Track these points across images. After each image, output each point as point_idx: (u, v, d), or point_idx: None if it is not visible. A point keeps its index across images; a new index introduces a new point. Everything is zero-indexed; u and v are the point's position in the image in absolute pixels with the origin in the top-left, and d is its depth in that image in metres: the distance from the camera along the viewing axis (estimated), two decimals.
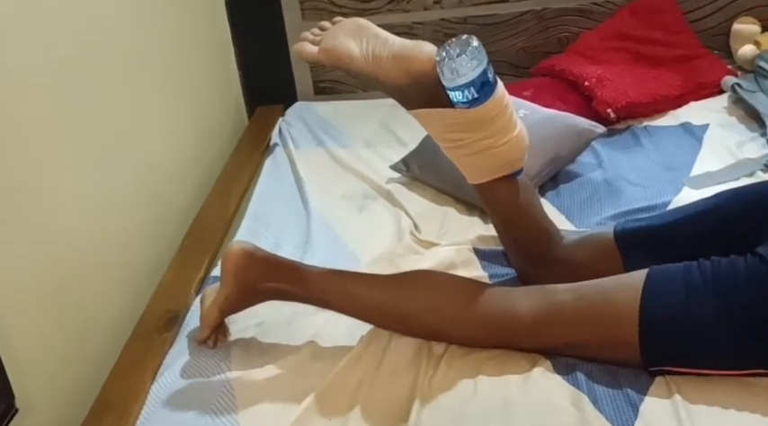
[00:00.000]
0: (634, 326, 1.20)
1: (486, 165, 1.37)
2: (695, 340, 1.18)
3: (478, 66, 1.27)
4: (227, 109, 2.35)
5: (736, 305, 1.16)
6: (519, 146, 1.37)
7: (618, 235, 1.40)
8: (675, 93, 2.14)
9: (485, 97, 1.29)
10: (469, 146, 1.34)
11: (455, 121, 1.31)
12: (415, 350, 1.35)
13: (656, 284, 1.21)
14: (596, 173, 1.87)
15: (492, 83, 1.30)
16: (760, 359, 1.17)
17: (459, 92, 1.28)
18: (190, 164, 1.97)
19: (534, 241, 1.45)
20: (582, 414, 1.18)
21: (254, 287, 1.40)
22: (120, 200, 1.60)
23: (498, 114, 1.32)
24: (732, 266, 1.19)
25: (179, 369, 1.36)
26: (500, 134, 1.33)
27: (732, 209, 1.33)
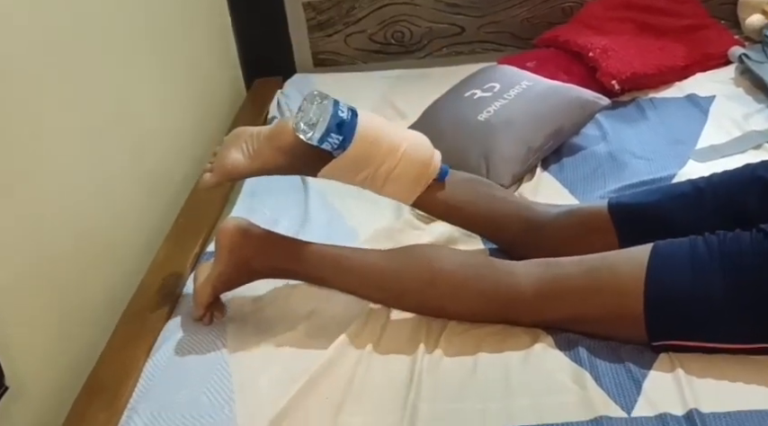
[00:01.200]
0: (639, 300, 1.18)
1: (402, 186, 1.41)
2: (701, 313, 1.16)
3: (323, 113, 1.35)
4: (225, 81, 2.31)
5: (743, 278, 1.15)
6: (416, 156, 1.39)
7: (613, 210, 1.37)
8: (681, 64, 2.10)
9: (350, 134, 1.35)
10: (375, 178, 1.39)
11: (346, 165, 1.37)
12: (413, 328, 1.33)
13: (661, 257, 1.19)
14: (600, 146, 1.83)
15: (348, 119, 1.36)
16: (763, 332, 1.15)
17: (325, 143, 1.34)
18: (186, 138, 1.94)
19: (498, 230, 1.44)
20: (584, 392, 1.16)
21: (248, 264, 1.37)
22: (114, 174, 1.57)
23: (374, 140, 1.36)
24: (738, 240, 1.18)
25: (173, 347, 1.34)
26: (390, 155, 1.37)
27: (733, 187, 1.31)
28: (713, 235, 1.20)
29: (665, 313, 1.18)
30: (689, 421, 1.09)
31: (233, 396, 1.23)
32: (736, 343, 1.17)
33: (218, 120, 2.16)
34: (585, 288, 1.22)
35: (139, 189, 1.67)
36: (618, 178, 1.70)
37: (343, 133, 1.34)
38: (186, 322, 1.41)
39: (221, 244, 1.37)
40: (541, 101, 1.82)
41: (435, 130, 1.84)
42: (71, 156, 1.42)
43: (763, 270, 1.14)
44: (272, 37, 2.47)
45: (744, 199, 1.28)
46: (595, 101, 1.86)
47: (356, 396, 1.21)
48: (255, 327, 1.38)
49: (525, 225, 1.41)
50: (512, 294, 1.27)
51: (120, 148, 1.60)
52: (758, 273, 1.14)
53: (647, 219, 1.34)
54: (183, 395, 1.24)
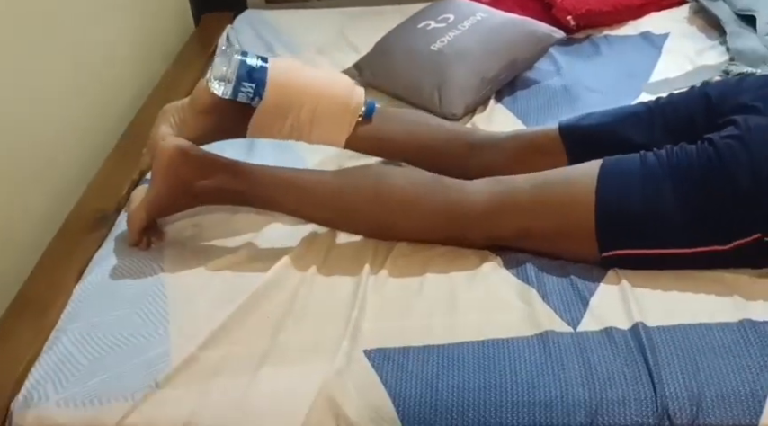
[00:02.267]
0: (590, 211, 1.17)
1: (329, 127, 1.39)
2: (650, 220, 1.16)
3: (230, 64, 1.34)
4: (171, 12, 2.22)
5: (690, 185, 1.15)
6: (334, 91, 1.39)
7: (564, 130, 1.35)
8: (637, 2, 2.07)
9: (262, 79, 1.35)
10: (302, 125, 1.38)
11: (270, 115, 1.36)
12: (359, 250, 1.30)
13: (611, 169, 1.19)
14: (554, 80, 1.81)
15: (258, 67, 1.36)
16: (712, 235, 1.16)
17: (241, 94, 1.35)
18: (129, 66, 1.87)
19: (445, 153, 1.41)
20: (530, 308, 1.14)
21: (186, 186, 1.30)
22: (51, 92, 1.49)
23: (289, 81, 1.36)
24: (685, 151, 1.19)
25: (106, 269, 1.29)
26: (307, 96, 1.37)
27: (680, 106, 1.32)
28: (661, 149, 1.20)
29: (615, 222, 1.17)
30: (634, 335, 1.08)
31: (167, 317, 1.19)
32: (685, 248, 1.16)
33: (164, 53, 2.08)
34: (536, 201, 1.21)
35: (79, 109, 1.59)
36: (571, 110, 1.66)
37: (254, 80, 1.34)
38: (121, 246, 1.35)
39: (158, 164, 1.30)
40: (496, 32, 1.78)
41: (388, 61, 1.81)
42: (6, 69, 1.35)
43: (708, 175, 1.15)
44: None
45: (690, 115, 1.29)
46: (550, 34, 1.82)
47: (297, 316, 1.17)
48: (194, 251, 1.33)
49: (468, 148, 1.39)
50: (462, 209, 1.24)
51: (58, 68, 1.53)
52: (704, 179, 1.15)
53: (598, 140, 1.32)
54: (115, 316, 1.19)
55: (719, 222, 1.14)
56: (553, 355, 1.06)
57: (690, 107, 1.30)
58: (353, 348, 1.10)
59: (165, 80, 1.95)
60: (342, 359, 1.08)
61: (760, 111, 1.20)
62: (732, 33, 1.86)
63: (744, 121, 1.19)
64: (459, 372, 1.05)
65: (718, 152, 1.16)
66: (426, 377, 1.05)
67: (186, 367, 1.09)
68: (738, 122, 1.19)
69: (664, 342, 1.06)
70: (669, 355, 1.05)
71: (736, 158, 1.15)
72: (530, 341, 1.09)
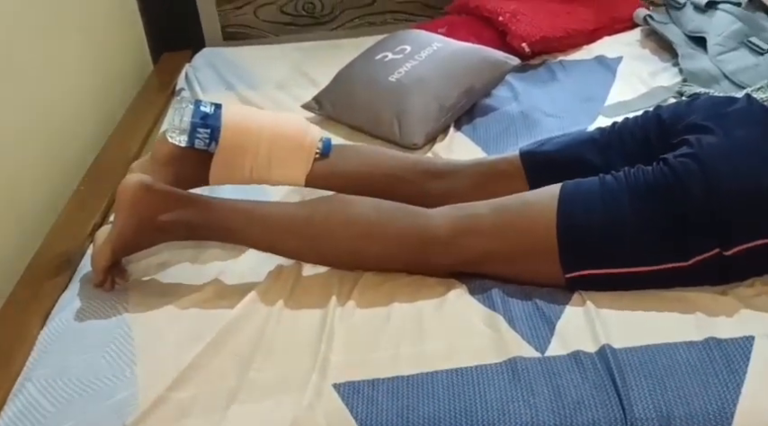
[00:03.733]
0: (552, 232, 1.18)
1: (287, 166, 1.42)
2: (611, 239, 1.18)
3: (184, 112, 1.38)
4: (129, 54, 2.22)
5: (650, 202, 1.18)
6: (288, 129, 1.42)
7: (525, 157, 1.38)
8: (589, 27, 2.13)
9: (216, 124, 1.38)
10: (259, 167, 1.40)
11: (228, 158, 1.39)
12: (325, 283, 1.29)
13: (572, 190, 1.21)
14: (512, 106, 1.84)
15: (211, 112, 1.39)
16: (672, 252, 1.18)
17: (198, 140, 1.38)
18: (88, 107, 1.86)
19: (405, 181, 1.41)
20: (497, 334, 1.15)
21: (151, 221, 1.29)
22: (9, 136, 1.48)
23: (243, 122, 1.39)
24: (642, 171, 1.22)
25: (71, 313, 1.27)
26: (263, 135, 1.40)
27: (636, 128, 1.35)
28: (620, 171, 1.23)
29: (577, 243, 1.19)
30: (601, 358, 1.09)
31: (134, 359, 1.17)
32: (647, 266, 1.18)
33: (123, 92, 2.07)
34: (498, 225, 1.22)
35: (37, 154, 1.58)
36: (530, 135, 1.69)
37: (209, 126, 1.37)
38: (85, 289, 1.33)
39: (122, 201, 1.29)
40: (452, 61, 1.81)
41: (347, 93, 1.82)
42: None
43: (665, 194, 1.18)
44: (180, 10, 2.39)
45: (645, 138, 1.33)
46: (505, 60, 1.86)
47: (266, 351, 1.16)
48: (160, 290, 1.32)
49: (428, 176, 1.40)
50: (426, 234, 1.25)
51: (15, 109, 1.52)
52: (661, 197, 1.18)
53: (557, 165, 1.35)
54: (81, 360, 1.17)
55: (679, 239, 1.17)
56: (522, 381, 1.06)
57: (644, 129, 1.34)
58: (323, 382, 1.09)
59: (125, 120, 1.95)
60: (312, 393, 1.07)
61: (711, 131, 1.23)
62: (684, 55, 1.91)
63: (696, 140, 1.22)
64: (429, 402, 1.05)
65: (674, 170, 1.19)
66: (397, 408, 1.05)
67: (155, 408, 1.07)
68: (691, 141, 1.23)
69: (631, 364, 1.07)
70: (637, 376, 1.06)
71: (691, 175, 1.18)
72: (498, 367, 1.09)
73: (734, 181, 1.17)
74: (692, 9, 2.02)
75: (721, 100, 1.37)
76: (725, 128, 1.23)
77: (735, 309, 1.16)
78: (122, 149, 1.81)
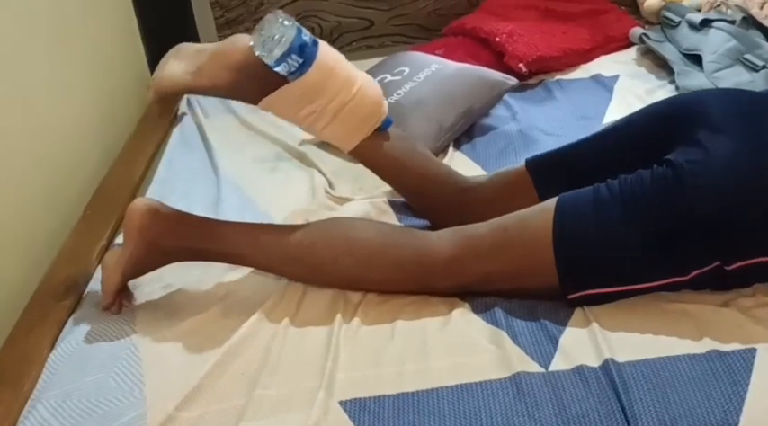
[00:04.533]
0: (549, 250, 1.18)
1: (348, 127, 1.36)
2: (609, 258, 1.17)
3: (288, 32, 1.27)
4: (132, 79, 2.25)
5: (645, 213, 1.16)
6: (370, 94, 1.36)
7: (529, 164, 1.39)
8: (585, 46, 2.16)
9: (310, 58, 1.28)
10: (323, 114, 1.33)
11: (298, 94, 1.31)
12: (330, 301, 1.30)
13: (566, 206, 1.20)
14: (510, 125, 1.86)
15: (310, 43, 1.30)
16: (671, 267, 1.17)
17: (283, 64, 1.28)
18: (92, 133, 1.88)
19: (430, 189, 1.43)
20: (501, 351, 1.16)
21: (159, 245, 1.32)
22: (14, 165, 1.50)
23: (333, 70, 1.32)
24: (638, 178, 1.19)
25: (79, 336, 1.28)
26: (344, 89, 1.33)
27: (642, 123, 1.33)
28: (615, 179, 1.21)
29: (575, 265, 1.18)
30: (605, 372, 1.10)
31: (142, 379, 1.18)
32: (647, 282, 1.18)
33: (127, 118, 2.10)
34: (497, 245, 1.23)
35: (43, 180, 1.60)
36: (529, 154, 1.66)
37: (303, 56, 1.27)
38: (93, 312, 1.34)
39: (130, 224, 1.32)
40: (450, 82, 1.84)
41: None
42: None
43: (665, 207, 1.15)
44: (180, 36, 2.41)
45: (646, 132, 1.30)
46: (503, 80, 1.88)
47: (272, 369, 1.17)
48: (167, 311, 1.33)
49: (456, 187, 1.42)
50: (428, 259, 1.26)
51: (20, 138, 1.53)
52: (661, 211, 1.15)
53: (560, 167, 1.36)
54: (90, 381, 1.18)
55: (678, 254, 1.16)
56: (527, 396, 1.07)
57: (647, 124, 1.31)
58: (329, 399, 1.10)
59: (129, 146, 1.97)
60: (318, 410, 1.08)
61: (722, 132, 1.17)
62: (680, 72, 1.93)
63: (710, 143, 1.16)
64: (435, 418, 1.06)
65: (679, 178, 1.14)
66: (403, 424, 1.06)
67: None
68: (704, 144, 1.17)
69: (634, 377, 1.08)
70: (640, 390, 1.06)
71: (697, 186, 1.13)
72: (503, 383, 1.10)
73: (741, 194, 1.13)
74: (687, 27, 2.05)
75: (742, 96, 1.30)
76: (739, 132, 1.16)
77: (736, 321, 1.17)
78: (127, 174, 1.83)
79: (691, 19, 2.06)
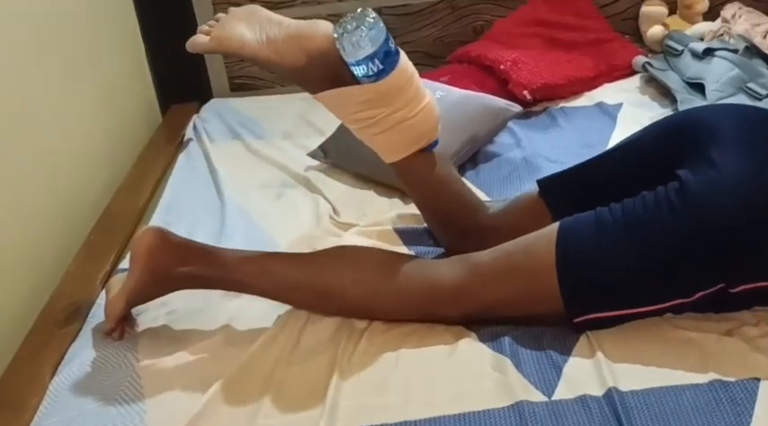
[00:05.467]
0: (552, 274, 1.18)
1: (401, 140, 1.34)
2: (612, 278, 1.17)
3: (379, 35, 1.23)
4: (139, 106, 2.27)
5: (648, 236, 1.15)
6: (432, 115, 1.35)
7: (541, 186, 1.40)
8: (589, 74, 2.17)
9: (390, 67, 1.26)
10: (381, 122, 1.31)
11: (365, 98, 1.28)
12: (334, 329, 1.30)
13: (567, 230, 1.21)
14: (515, 152, 1.87)
15: (395, 52, 1.27)
16: (675, 290, 1.17)
17: (363, 65, 1.24)
18: (98, 159, 1.89)
19: (457, 212, 1.43)
20: (504, 378, 1.15)
21: (165, 273, 1.32)
22: (19, 191, 1.51)
23: (407, 83, 1.30)
24: (641, 201, 1.18)
25: (81, 362, 1.28)
26: (412, 104, 1.31)
27: (652, 138, 1.33)
28: (618, 203, 1.20)
29: (578, 286, 1.18)
30: (608, 401, 1.09)
31: (144, 407, 1.18)
32: (652, 305, 1.18)
33: (133, 144, 2.11)
34: (502, 272, 1.23)
35: (48, 205, 1.61)
36: (533, 180, 1.67)
37: (385, 64, 1.24)
38: (95, 338, 1.35)
39: (137, 252, 1.32)
40: (455, 109, 1.84)
41: (352, 141, 1.82)
42: None
43: (667, 226, 1.14)
44: (188, 63, 2.43)
45: (657, 147, 1.30)
46: (507, 107, 1.89)
47: (275, 398, 1.17)
48: (169, 339, 1.33)
49: (482, 215, 1.42)
50: (434, 287, 1.26)
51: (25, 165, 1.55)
52: (663, 230, 1.15)
53: (573, 187, 1.36)
54: (92, 409, 1.18)
55: (683, 276, 1.15)
56: (529, 425, 1.07)
57: (654, 139, 1.31)
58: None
59: (134, 171, 1.98)
60: None
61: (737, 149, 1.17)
62: (683, 100, 1.94)
63: (720, 160, 1.15)
64: None
65: (686, 199, 1.13)
66: None
67: None
68: (714, 161, 1.16)
69: (637, 407, 1.07)
70: (643, 419, 1.06)
71: (706, 205, 1.13)
72: (506, 411, 1.10)
73: (750, 214, 1.12)
74: (690, 56, 2.06)
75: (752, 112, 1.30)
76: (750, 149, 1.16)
77: (740, 351, 1.16)
78: (132, 199, 1.84)
79: (694, 48, 2.07)
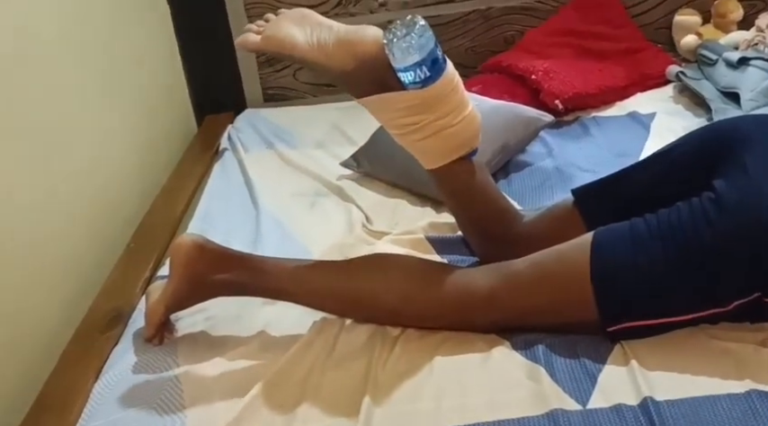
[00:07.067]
0: (587, 283, 1.18)
1: (443, 147, 1.35)
2: (648, 287, 1.17)
3: (428, 43, 1.25)
4: (175, 117, 2.31)
5: (684, 246, 1.16)
6: (474, 124, 1.36)
7: (576, 195, 1.40)
8: (621, 84, 2.16)
9: (437, 75, 1.27)
10: (425, 128, 1.32)
11: (410, 104, 1.29)
12: (368, 336, 1.32)
13: (602, 239, 1.21)
14: (547, 162, 1.87)
15: (442, 60, 1.29)
16: (712, 299, 1.17)
17: (410, 72, 1.25)
18: (136, 169, 1.93)
19: (493, 221, 1.44)
20: (539, 387, 1.16)
21: (203, 279, 1.35)
22: (61, 201, 1.55)
23: (452, 91, 1.32)
24: (676, 211, 1.19)
25: (123, 367, 1.31)
26: (455, 112, 1.32)
27: (686, 148, 1.33)
28: (652, 213, 1.21)
29: (613, 292, 1.18)
30: (644, 410, 1.09)
31: (184, 411, 1.20)
32: (687, 314, 1.18)
33: (169, 154, 2.15)
34: (535, 281, 1.23)
35: (89, 215, 1.65)
36: (565, 189, 1.70)
37: (432, 71, 1.25)
38: (136, 343, 1.38)
39: (176, 259, 1.35)
40: (486, 118, 1.81)
41: (384, 151, 1.87)
42: (17, 183, 1.41)
43: (703, 236, 1.15)
44: (223, 74, 2.48)
45: (691, 157, 1.29)
46: (539, 117, 1.90)
47: (310, 403, 1.19)
48: (207, 344, 1.36)
49: (517, 224, 1.43)
50: (467, 295, 1.27)
51: (68, 176, 1.59)
52: (695, 237, 1.15)
53: (607, 198, 1.36)
54: (133, 412, 1.21)
55: (718, 285, 1.15)
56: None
57: (691, 148, 1.31)
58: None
59: (172, 180, 2.02)
60: None
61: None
62: (717, 110, 1.93)
63: (754, 169, 1.16)
64: None
65: (721, 208, 1.14)
66: None
67: None
68: (748, 171, 1.17)
69: (673, 417, 1.07)
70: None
71: (741, 214, 1.13)
72: (540, 420, 1.10)
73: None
74: (725, 65, 2.05)
75: None
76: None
77: None
78: (169, 208, 1.88)
79: (728, 57, 2.06)
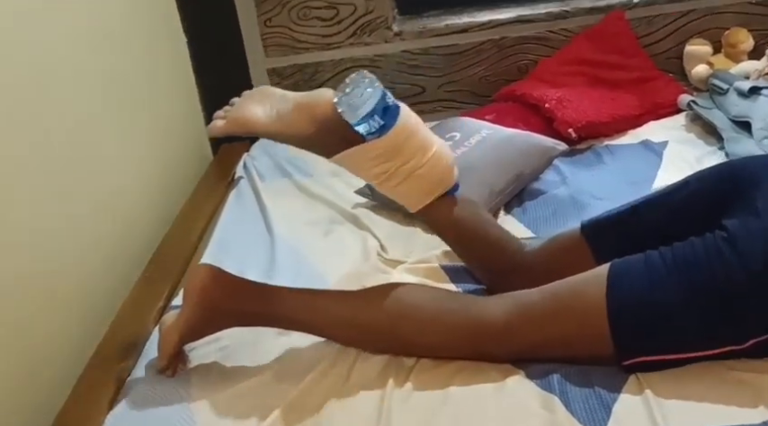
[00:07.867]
0: (603, 317, 1.18)
1: (418, 189, 1.40)
2: (664, 324, 1.17)
3: (374, 93, 1.31)
4: (191, 146, 2.33)
5: (698, 281, 1.16)
6: (442, 161, 1.40)
7: (584, 227, 1.40)
8: (634, 112, 2.17)
9: (391, 121, 1.32)
10: (395, 174, 1.37)
11: (373, 154, 1.35)
12: (383, 366, 1.32)
13: (619, 273, 1.21)
14: (560, 190, 1.87)
15: (393, 106, 1.34)
16: (729, 334, 1.16)
17: (365, 124, 1.31)
18: (151, 200, 1.94)
19: (491, 253, 1.45)
20: (553, 416, 1.15)
21: (218, 309, 1.35)
22: (78, 233, 1.56)
23: (411, 134, 1.36)
24: (691, 247, 1.19)
25: (136, 398, 1.31)
26: (419, 153, 1.37)
27: (697, 186, 1.33)
28: (667, 247, 1.21)
29: (629, 326, 1.18)
30: None
31: None
32: (703, 351, 1.17)
33: (185, 183, 2.17)
34: (550, 312, 1.23)
35: (104, 247, 1.66)
36: (579, 218, 1.68)
37: (385, 119, 1.31)
38: (149, 374, 1.38)
39: (191, 289, 1.36)
40: (501, 147, 1.87)
41: None
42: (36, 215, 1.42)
43: (714, 269, 1.15)
44: None
45: (703, 196, 1.30)
46: (553, 146, 1.91)
47: None
48: (221, 375, 1.36)
49: (517, 253, 1.44)
50: (481, 326, 1.27)
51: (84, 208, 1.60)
52: (711, 273, 1.15)
53: (616, 232, 1.36)
54: None
55: (734, 323, 1.15)
56: None
57: (708, 186, 1.31)
58: None
59: (187, 208, 2.03)
60: None
61: None
62: (729, 139, 1.93)
63: (765, 210, 1.17)
64: None
65: (735, 246, 1.14)
66: None
67: None
68: (760, 211, 1.17)
69: None
70: None
71: (755, 253, 1.13)
72: None
73: None
74: (736, 95, 2.06)
75: None
76: None
77: None
78: (184, 236, 1.88)
79: (739, 87, 2.06)
